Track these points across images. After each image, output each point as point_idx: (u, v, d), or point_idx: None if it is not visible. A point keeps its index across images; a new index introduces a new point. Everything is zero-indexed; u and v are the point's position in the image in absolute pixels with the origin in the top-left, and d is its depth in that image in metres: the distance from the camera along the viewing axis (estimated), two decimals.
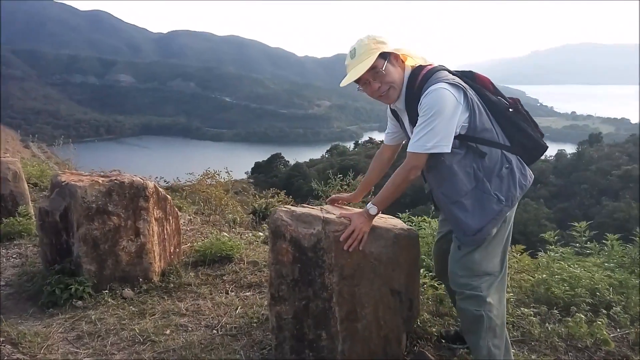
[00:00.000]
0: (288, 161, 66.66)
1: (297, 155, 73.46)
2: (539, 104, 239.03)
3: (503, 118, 2.25)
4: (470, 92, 2.18)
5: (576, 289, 3.11)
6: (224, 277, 3.85)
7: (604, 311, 3.03)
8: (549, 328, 2.79)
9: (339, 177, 7.26)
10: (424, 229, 3.67)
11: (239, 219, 6.01)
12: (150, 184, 3.76)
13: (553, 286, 3.13)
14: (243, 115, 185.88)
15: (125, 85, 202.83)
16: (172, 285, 3.69)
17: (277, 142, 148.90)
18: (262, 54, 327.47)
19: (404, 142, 2.63)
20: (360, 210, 2.35)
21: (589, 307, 3.08)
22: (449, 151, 2.11)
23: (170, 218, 4.11)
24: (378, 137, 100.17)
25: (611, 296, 3.17)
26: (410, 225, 3.68)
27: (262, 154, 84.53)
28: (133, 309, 3.31)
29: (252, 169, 68.79)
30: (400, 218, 4.05)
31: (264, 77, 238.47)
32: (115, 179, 3.62)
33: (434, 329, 2.81)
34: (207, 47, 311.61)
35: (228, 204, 7.41)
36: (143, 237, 3.70)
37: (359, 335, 2.30)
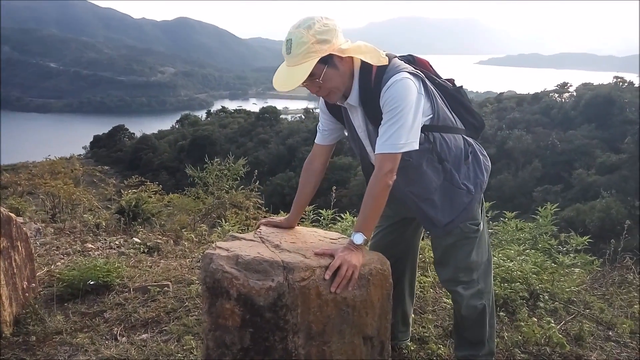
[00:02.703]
0: (133, 133, 61.72)
1: (143, 127, 68.34)
2: None
3: (452, 100, 2.08)
4: (427, 80, 1.94)
5: (512, 284, 3.00)
6: (106, 315, 2.98)
7: (540, 304, 2.98)
8: (506, 337, 2.60)
9: (216, 161, 6.50)
10: None
11: (103, 223, 4.96)
12: None
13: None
14: (73, 83, 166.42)
15: None
16: (33, 337, 2.73)
17: (117, 112, 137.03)
18: (91, 15, 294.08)
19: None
20: (339, 244, 1.92)
21: (523, 300, 3.01)
22: (417, 148, 1.87)
23: (19, 244, 3.08)
24: (229, 105, 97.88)
25: (539, 285, 3.14)
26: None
27: (101, 126, 77.16)
28: None
29: (91, 143, 62.40)
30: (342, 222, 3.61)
31: (95, 41, 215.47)
32: None
33: None
34: (21, 5, 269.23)
35: (82, 200, 6.18)
36: None
37: None
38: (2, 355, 2.58)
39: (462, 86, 2.16)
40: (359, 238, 1.83)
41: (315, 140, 2.23)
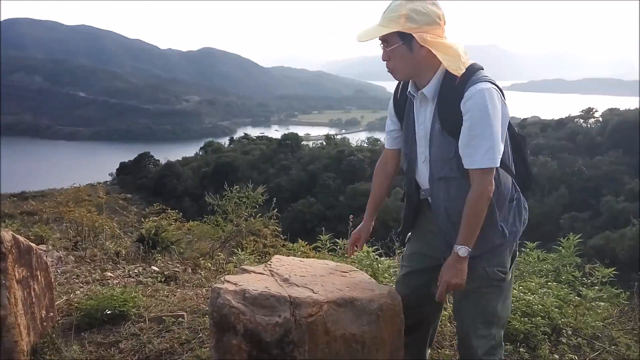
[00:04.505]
0: (158, 160, 62.84)
1: (168, 154, 69.68)
2: None
3: (514, 143, 1.99)
4: None
5: (533, 319, 2.91)
6: (121, 346, 2.99)
7: (563, 340, 2.87)
8: None
9: (236, 189, 6.55)
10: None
11: (123, 251, 5.02)
12: (7, 236, 2.76)
13: (511, 317, 2.88)
14: (101, 111, 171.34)
15: None
16: None
17: (143, 140, 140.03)
18: (119, 46, 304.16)
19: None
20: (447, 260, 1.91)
21: (544, 335, 2.91)
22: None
23: (39, 273, 3.13)
24: (252, 132, 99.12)
25: (562, 320, 3.03)
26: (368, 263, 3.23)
27: (127, 154, 78.75)
28: None
29: (117, 170, 63.70)
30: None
31: (122, 71, 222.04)
32: None
33: None
34: (53, 37, 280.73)
35: (104, 228, 6.27)
36: (2, 308, 2.70)
37: None
38: None
39: (526, 137, 2.10)
40: (464, 252, 1.84)
41: (385, 146, 2.24)
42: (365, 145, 61.91)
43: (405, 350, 2.01)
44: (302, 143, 61.88)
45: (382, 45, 1.89)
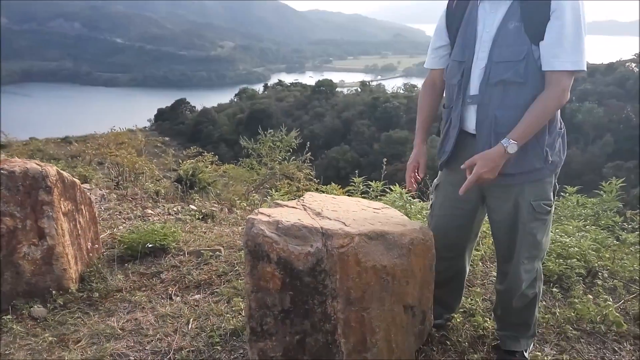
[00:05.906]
0: (194, 106, 63.53)
1: (203, 100, 70.14)
2: None
3: None
4: None
5: (568, 261, 2.87)
6: (162, 276, 3.15)
7: (598, 282, 2.84)
8: (557, 313, 2.50)
9: (270, 133, 6.60)
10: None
11: (162, 191, 5.19)
12: (52, 171, 2.89)
13: (545, 258, 2.86)
14: (138, 58, 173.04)
15: None
16: (96, 293, 2.93)
17: (179, 86, 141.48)
18: None
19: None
20: (490, 151, 1.74)
21: (579, 277, 2.88)
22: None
23: (83, 207, 3.28)
24: (286, 78, 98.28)
25: (598, 263, 2.99)
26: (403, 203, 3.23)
27: (164, 100, 79.87)
28: (49, 334, 2.55)
29: (155, 116, 64.90)
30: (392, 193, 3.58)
31: (158, 16, 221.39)
32: (2, 169, 2.72)
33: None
34: None
35: (144, 169, 6.48)
36: (50, 238, 2.87)
37: None
38: (69, 309, 2.79)
39: None
40: (513, 148, 1.70)
41: (427, 66, 2.09)
42: (402, 92, 60.46)
43: (436, 303, 2.05)
44: (337, 90, 61.12)
45: None
